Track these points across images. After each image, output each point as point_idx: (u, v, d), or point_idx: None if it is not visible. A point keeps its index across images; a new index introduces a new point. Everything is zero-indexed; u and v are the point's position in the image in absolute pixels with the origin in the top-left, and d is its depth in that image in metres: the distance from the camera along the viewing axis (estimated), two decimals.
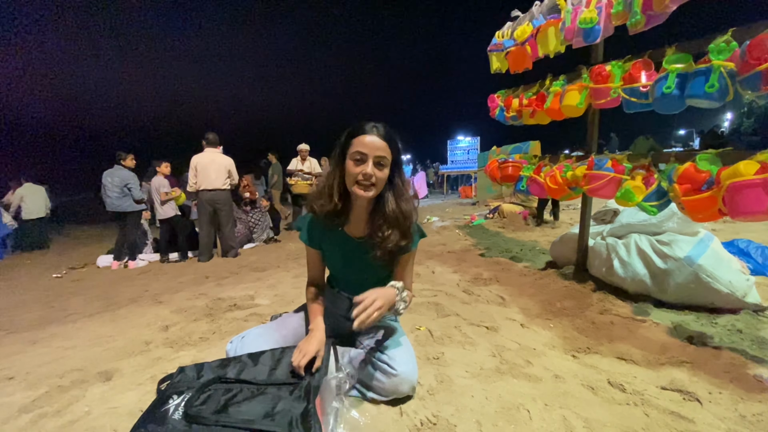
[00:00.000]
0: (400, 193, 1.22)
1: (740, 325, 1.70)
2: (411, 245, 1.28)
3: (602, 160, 2.01)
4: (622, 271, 2.14)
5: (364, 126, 1.15)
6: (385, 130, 1.16)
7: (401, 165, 1.24)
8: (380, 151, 1.14)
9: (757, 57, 1.32)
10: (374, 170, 1.13)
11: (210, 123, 31.75)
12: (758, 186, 1.26)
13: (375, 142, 1.13)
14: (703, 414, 1.14)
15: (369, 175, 1.13)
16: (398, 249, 1.24)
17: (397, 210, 1.20)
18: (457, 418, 1.15)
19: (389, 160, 1.17)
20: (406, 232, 1.22)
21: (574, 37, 2.14)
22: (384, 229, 1.21)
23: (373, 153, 1.13)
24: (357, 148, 1.13)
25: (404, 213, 1.21)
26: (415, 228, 1.28)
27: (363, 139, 1.13)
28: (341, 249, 1.34)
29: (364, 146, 1.13)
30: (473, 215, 6.41)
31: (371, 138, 1.13)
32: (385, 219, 1.21)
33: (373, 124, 1.16)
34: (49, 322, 2.66)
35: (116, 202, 4.67)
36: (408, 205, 1.23)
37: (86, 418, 1.28)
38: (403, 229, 1.21)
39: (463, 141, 13.93)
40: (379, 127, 1.16)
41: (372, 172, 1.13)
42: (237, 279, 3.46)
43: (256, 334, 1.36)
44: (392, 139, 1.17)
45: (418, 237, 1.32)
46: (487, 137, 13.55)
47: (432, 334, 1.80)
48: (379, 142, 1.14)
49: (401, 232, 1.21)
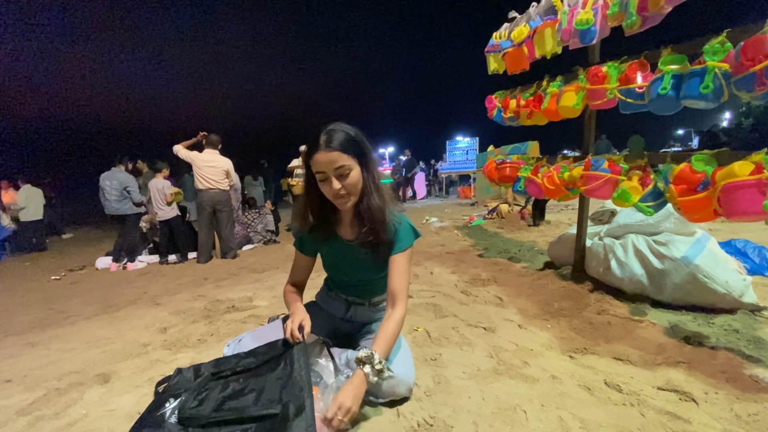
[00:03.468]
0: (368, 191, 1.20)
1: (737, 325, 1.71)
2: (399, 241, 1.25)
3: (599, 161, 2.01)
4: (619, 271, 2.15)
5: (315, 141, 1.12)
6: (336, 137, 1.11)
7: (368, 158, 1.20)
8: (337, 163, 1.11)
9: (751, 58, 1.32)
10: (340, 182, 1.12)
11: (210, 124, 31.93)
12: (753, 187, 1.26)
13: (328, 157, 1.10)
14: (699, 414, 1.14)
15: (337, 192, 1.13)
16: (381, 244, 1.23)
17: (367, 207, 1.20)
18: (454, 419, 1.16)
19: (351, 165, 1.14)
20: (381, 227, 1.21)
21: (571, 38, 2.15)
22: (362, 226, 1.23)
23: (330, 168, 1.11)
24: (316, 169, 1.13)
25: (374, 208, 1.20)
26: (397, 226, 1.26)
27: (317, 158, 1.12)
28: (336, 252, 1.35)
29: (320, 165, 1.12)
30: (472, 216, 6.42)
31: (323, 155, 1.10)
32: (361, 217, 1.22)
33: (325, 132, 1.12)
34: (48, 324, 2.66)
35: (115, 205, 4.68)
36: (377, 199, 1.21)
37: (84, 420, 1.28)
38: (378, 223, 1.21)
39: (462, 141, 13.94)
40: (331, 136, 1.11)
41: (338, 187, 1.12)
42: (236, 280, 3.46)
43: (253, 336, 1.36)
44: (346, 143, 1.12)
45: (411, 236, 1.29)
46: (486, 138, 13.57)
47: (430, 335, 1.81)
48: (332, 155, 1.10)
49: (376, 226, 1.21)
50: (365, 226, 1.22)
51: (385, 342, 1.17)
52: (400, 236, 1.26)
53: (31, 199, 6.82)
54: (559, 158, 2.49)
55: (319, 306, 1.53)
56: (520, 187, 2.69)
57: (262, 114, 48.43)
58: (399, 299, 1.24)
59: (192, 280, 3.76)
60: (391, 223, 1.24)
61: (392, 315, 1.23)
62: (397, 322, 1.22)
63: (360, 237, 1.24)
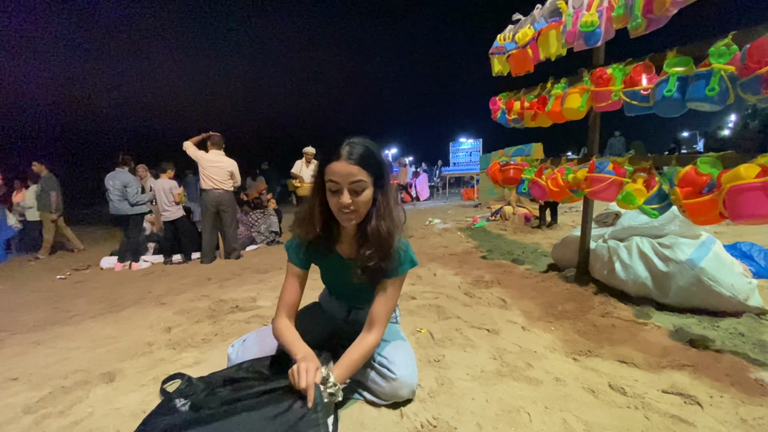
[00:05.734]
0: (381, 213, 1.14)
1: (742, 328, 1.70)
2: (395, 270, 1.19)
3: (603, 163, 2.01)
4: (623, 273, 2.14)
5: (336, 150, 1.07)
6: (358, 151, 1.07)
7: (385, 180, 1.15)
8: (354, 177, 1.06)
9: (757, 60, 1.32)
10: (351, 198, 1.07)
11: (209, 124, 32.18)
12: (759, 189, 1.25)
13: (347, 168, 1.05)
14: (704, 418, 1.14)
15: (346, 206, 1.07)
16: (379, 269, 1.17)
17: (376, 230, 1.13)
18: (457, 421, 1.16)
19: (368, 182, 1.09)
20: (386, 253, 1.15)
21: (576, 40, 2.15)
22: (365, 248, 1.15)
23: (346, 181, 1.05)
24: (330, 177, 1.07)
25: (382, 233, 1.13)
26: (402, 253, 1.19)
27: (334, 167, 1.06)
28: (333, 268, 1.32)
29: (336, 175, 1.06)
30: (475, 217, 6.41)
31: (342, 165, 1.05)
32: (366, 238, 1.15)
33: (348, 143, 1.08)
34: (53, 323, 2.68)
35: (117, 205, 4.71)
36: (388, 224, 1.14)
37: (89, 419, 1.29)
38: (384, 249, 1.14)
39: (466, 143, 13.93)
40: (353, 149, 1.07)
41: (349, 202, 1.06)
42: (239, 281, 3.47)
43: (256, 337, 1.37)
44: (368, 159, 1.08)
45: (407, 265, 1.22)
46: (489, 139, 13.56)
47: (433, 336, 1.81)
48: (351, 168, 1.05)
49: (382, 252, 1.14)
50: (368, 248, 1.14)
51: (346, 365, 1.12)
52: (398, 263, 1.20)
53: None
54: (563, 160, 2.49)
55: (321, 307, 1.53)
56: (524, 188, 2.69)
57: (264, 115, 48.58)
58: (377, 325, 1.19)
59: (196, 280, 3.78)
60: (397, 251, 1.18)
61: (364, 339, 1.18)
62: (368, 348, 1.17)
63: (359, 258, 1.16)
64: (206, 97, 47.46)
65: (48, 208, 6.00)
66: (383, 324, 1.20)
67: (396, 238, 1.16)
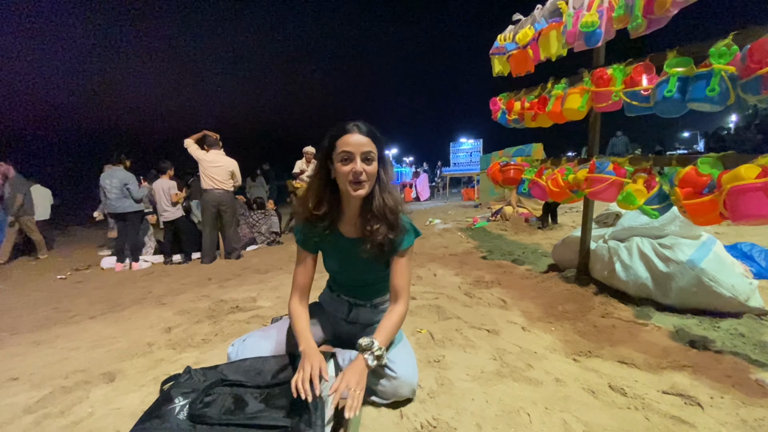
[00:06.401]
0: (385, 187, 1.23)
1: (743, 329, 1.69)
2: (402, 241, 1.26)
3: (604, 164, 2.01)
4: (624, 274, 2.14)
5: (345, 126, 1.17)
6: (366, 127, 1.18)
7: (385, 159, 1.25)
8: (366, 147, 1.15)
9: (758, 61, 1.32)
10: (363, 166, 1.15)
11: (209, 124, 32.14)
12: (759, 190, 1.25)
13: (359, 139, 1.15)
14: (704, 418, 1.14)
15: (359, 173, 1.14)
16: (388, 242, 1.23)
17: (383, 203, 1.21)
18: (457, 421, 1.16)
19: (376, 155, 1.18)
20: (393, 224, 1.23)
21: (576, 40, 2.14)
22: (372, 223, 1.22)
23: (359, 150, 1.14)
24: (342, 148, 1.15)
25: (389, 206, 1.22)
26: (406, 223, 1.28)
27: (347, 138, 1.15)
28: (337, 249, 1.34)
29: (349, 145, 1.14)
30: (475, 218, 6.41)
31: (355, 137, 1.15)
32: (373, 213, 1.22)
33: (353, 122, 1.18)
34: (53, 323, 2.68)
35: (116, 204, 4.70)
36: (392, 198, 1.24)
37: (90, 419, 1.29)
38: (390, 221, 1.22)
39: (466, 143, 13.92)
40: (360, 125, 1.17)
41: (361, 169, 1.14)
42: (239, 281, 3.47)
43: (257, 336, 1.37)
44: (375, 134, 1.19)
45: (412, 235, 1.30)
46: (490, 140, 13.55)
47: (433, 336, 1.81)
48: (363, 139, 1.16)
49: (388, 224, 1.22)
50: (374, 224, 1.21)
51: (386, 332, 1.21)
52: (404, 233, 1.27)
53: (40, 199, 6.88)
54: (563, 160, 2.49)
55: (322, 307, 1.54)
56: (525, 189, 2.69)
57: (264, 116, 48.64)
58: (401, 296, 1.27)
59: (196, 280, 3.78)
60: (402, 221, 1.26)
61: (395, 309, 1.26)
62: (400, 316, 1.26)
63: (366, 235, 1.23)
64: (205, 98, 47.49)
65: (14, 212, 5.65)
66: (407, 294, 1.29)
67: (399, 210, 1.25)
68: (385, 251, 1.25)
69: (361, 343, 1.15)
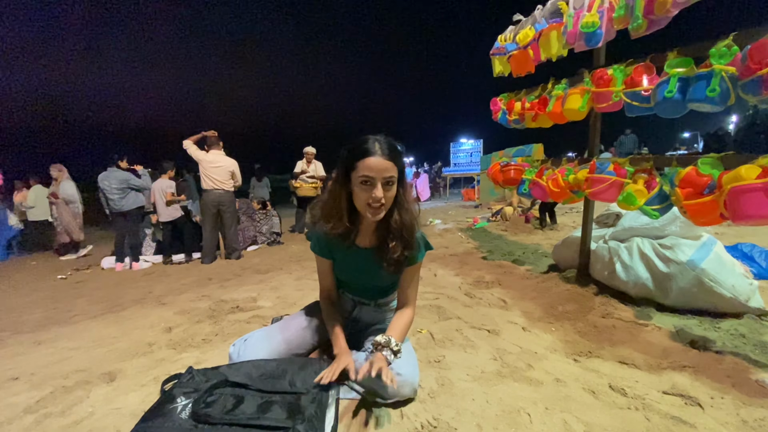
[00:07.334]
0: (402, 205, 1.22)
1: (743, 329, 1.69)
2: (416, 256, 1.29)
3: (604, 164, 2.01)
4: (624, 274, 2.14)
5: (367, 146, 1.11)
6: (389, 147, 1.13)
7: (404, 174, 1.21)
8: (388, 172, 1.11)
9: (758, 61, 1.32)
10: (383, 191, 1.11)
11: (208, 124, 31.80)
12: (760, 190, 1.25)
13: (383, 164, 1.10)
14: (704, 419, 1.14)
15: (378, 199, 1.11)
16: (404, 258, 1.26)
17: (400, 222, 1.21)
18: (457, 422, 1.16)
19: (395, 179, 1.15)
20: (409, 243, 1.24)
21: (576, 41, 2.14)
22: (389, 240, 1.23)
23: (380, 175, 1.10)
24: (364, 172, 1.10)
25: (406, 224, 1.22)
26: (420, 239, 1.29)
27: (369, 162, 1.09)
28: (352, 259, 1.34)
29: (371, 170, 1.09)
30: (476, 218, 6.42)
31: (377, 160, 1.09)
32: (390, 230, 1.22)
33: (376, 140, 1.13)
34: (54, 323, 2.68)
35: (121, 203, 4.70)
36: (409, 216, 1.23)
37: (90, 418, 1.29)
38: (406, 239, 1.23)
39: (466, 143, 13.93)
40: (383, 145, 1.12)
41: (381, 195, 1.11)
42: (240, 281, 3.47)
43: (258, 336, 1.37)
44: (396, 155, 1.14)
45: (424, 250, 1.33)
46: (490, 140, 13.56)
47: (433, 336, 1.81)
48: (386, 164, 1.10)
49: (404, 242, 1.23)
50: (391, 240, 1.22)
51: (399, 330, 1.28)
52: (417, 250, 1.30)
53: (40, 198, 6.88)
54: (563, 160, 2.49)
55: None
56: (525, 189, 2.69)
57: (265, 116, 48.68)
58: (409, 304, 1.36)
59: (197, 280, 3.78)
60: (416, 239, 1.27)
61: (404, 311, 1.34)
62: (409, 317, 1.34)
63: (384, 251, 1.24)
64: (207, 99, 47.59)
65: None
66: (414, 303, 1.39)
67: (416, 227, 1.26)
68: (401, 267, 1.29)
69: (379, 341, 1.19)
